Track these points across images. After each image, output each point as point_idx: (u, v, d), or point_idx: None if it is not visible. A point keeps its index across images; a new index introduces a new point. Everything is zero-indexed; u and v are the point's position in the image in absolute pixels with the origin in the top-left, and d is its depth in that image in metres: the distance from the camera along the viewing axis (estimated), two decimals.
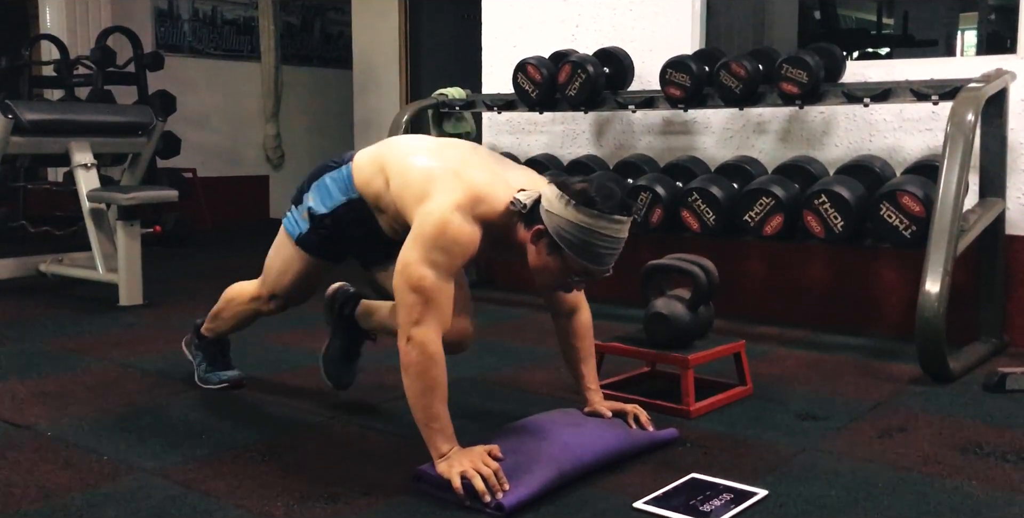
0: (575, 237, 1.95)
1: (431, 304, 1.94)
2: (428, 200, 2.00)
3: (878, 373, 3.09)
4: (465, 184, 2.01)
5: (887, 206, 3.10)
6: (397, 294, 1.98)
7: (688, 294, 2.69)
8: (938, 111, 3.53)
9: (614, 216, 1.95)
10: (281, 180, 8.64)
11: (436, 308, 1.95)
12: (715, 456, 2.25)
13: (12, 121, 4.19)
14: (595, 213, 1.93)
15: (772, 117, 3.99)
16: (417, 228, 1.98)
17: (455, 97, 4.64)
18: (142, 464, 2.18)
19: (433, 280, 1.94)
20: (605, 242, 1.96)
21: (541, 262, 2.03)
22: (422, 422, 1.97)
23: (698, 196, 3.49)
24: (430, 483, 1.96)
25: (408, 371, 1.95)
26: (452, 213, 1.95)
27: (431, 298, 1.94)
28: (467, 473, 1.89)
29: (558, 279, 2.05)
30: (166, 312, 4.09)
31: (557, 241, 1.97)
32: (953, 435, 2.43)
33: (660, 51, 4.14)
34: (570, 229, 1.95)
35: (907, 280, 3.61)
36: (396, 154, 2.22)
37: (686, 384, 2.56)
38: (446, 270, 1.96)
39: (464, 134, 4.82)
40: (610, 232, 1.96)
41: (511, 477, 1.92)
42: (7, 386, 2.85)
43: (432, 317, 1.95)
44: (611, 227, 1.95)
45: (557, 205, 1.96)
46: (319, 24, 8.93)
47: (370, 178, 2.23)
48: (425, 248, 1.95)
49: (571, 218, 1.94)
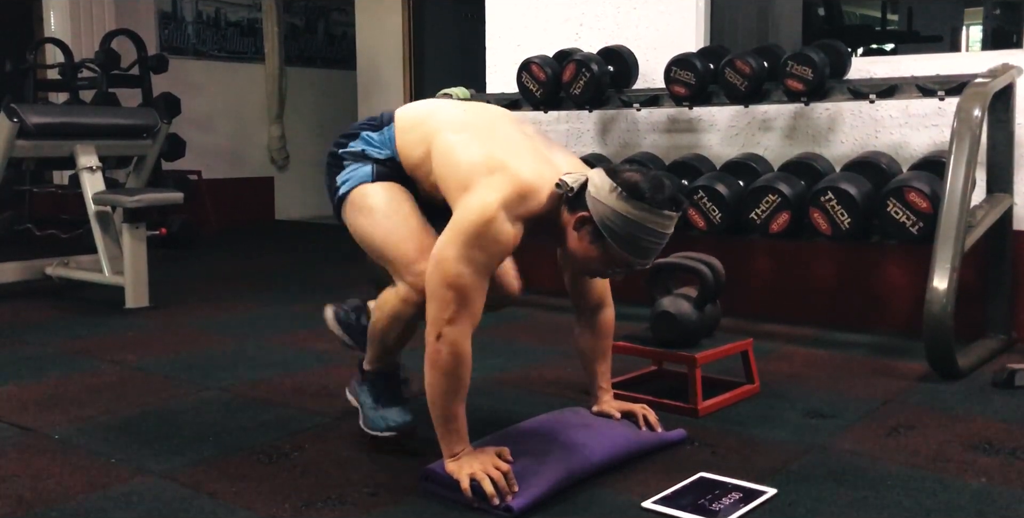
0: (621, 229, 1.90)
1: (466, 302, 1.89)
2: (472, 192, 1.92)
3: (886, 370, 3.07)
4: (512, 179, 1.92)
5: (894, 203, 3.08)
6: (430, 286, 1.92)
7: (695, 292, 2.68)
8: (944, 107, 3.51)
9: (663, 211, 1.90)
10: (286, 181, 8.65)
11: (470, 306, 1.90)
12: (723, 455, 2.24)
13: (17, 125, 4.19)
14: (644, 206, 1.88)
15: (777, 114, 3.98)
16: (458, 221, 1.91)
17: (460, 96, 4.63)
18: (150, 466, 2.18)
19: (470, 278, 1.89)
20: (651, 236, 1.91)
21: (582, 249, 1.97)
22: (439, 420, 1.95)
23: (704, 194, 3.48)
24: (438, 483, 1.96)
25: (435, 367, 1.91)
26: (497, 211, 1.88)
27: (466, 296, 1.89)
28: (476, 475, 1.89)
29: (596, 268, 2.01)
30: (172, 314, 4.09)
31: (601, 230, 1.91)
32: (962, 432, 2.41)
33: (664, 49, 4.13)
34: (616, 220, 1.89)
35: (914, 276, 3.59)
36: (442, 128, 2.10)
37: (694, 383, 2.55)
38: (484, 268, 1.91)
39: None
40: (657, 227, 1.90)
41: (519, 477, 1.92)
42: (14, 389, 2.86)
43: (465, 316, 1.90)
44: (659, 222, 1.90)
45: (605, 193, 1.90)
46: (323, 25, 8.93)
47: (413, 146, 2.13)
48: (464, 245, 1.88)
49: (619, 209, 1.89)
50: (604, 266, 1.99)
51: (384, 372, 2.28)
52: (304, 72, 8.65)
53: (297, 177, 8.70)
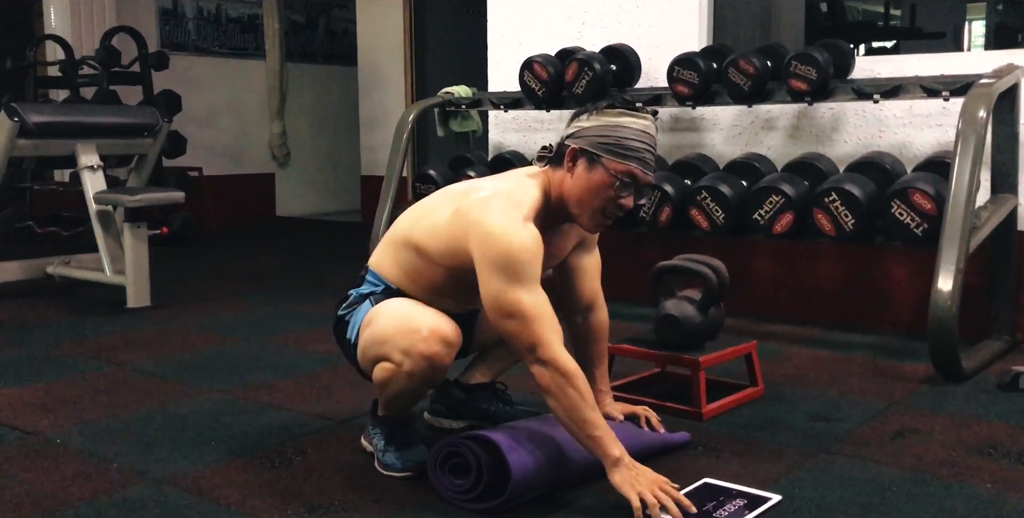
0: (607, 136, 1.96)
1: (538, 321, 1.89)
2: (472, 226, 1.93)
3: (890, 372, 3.06)
4: (492, 196, 1.97)
5: (898, 204, 3.07)
6: (499, 328, 1.93)
7: (698, 294, 2.67)
8: (948, 107, 3.50)
9: (638, 112, 1.99)
10: (287, 178, 8.63)
11: (544, 322, 1.90)
12: (727, 460, 2.23)
13: (18, 124, 4.18)
14: (618, 111, 1.97)
15: (781, 113, 3.97)
16: (483, 257, 1.91)
17: (461, 95, 4.62)
18: (152, 472, 2.17)
19: (528, 299, 1.89)
20: (636, 136, 1.96)
21: (583, 183, 1.97)
22: (581, 437, 1.91)
23: (707, 194, 3.47)
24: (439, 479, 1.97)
25: (549, 392, 1.90)
26: (505, 224, 1.90)
27: (535, 317, 1.89)
28: (645, 496, 1.84)
29: (604, 197, 1.98)
30: (174, 314, 4.08)
31: (592, 150, 1.96)
32: (968, 436, 2.40)
33: (667, 48, 4.11)
34: (601, 132, 1.96)
35: (916, 276, 3.58)
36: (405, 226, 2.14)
37: (697, 387, 2.54)
38: (533, 281, 1.91)
39: (470, 132, 4.81)
40: (638, 126, 1.97)
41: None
42: (15, 391, 2.85)
43: (546, 332, 1.89)
44: (638, 122, 1.98)
45: (581, 123, 1.99)
46: (324, 21, 8.90)
47: (391, 256, 2.14)
48: (503, 272, 1.89)
49: (598, 123, 1.97)
50: (609, 189, 1.97)
51: (399, 418, 2.19)
52: (305, 68, 8.62)
53: (298, 174, 8.69)
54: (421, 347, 1.96)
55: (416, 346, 1.96)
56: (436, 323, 1.99)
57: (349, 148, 8.48)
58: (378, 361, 2.04)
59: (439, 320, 2.00)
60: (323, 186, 8.86)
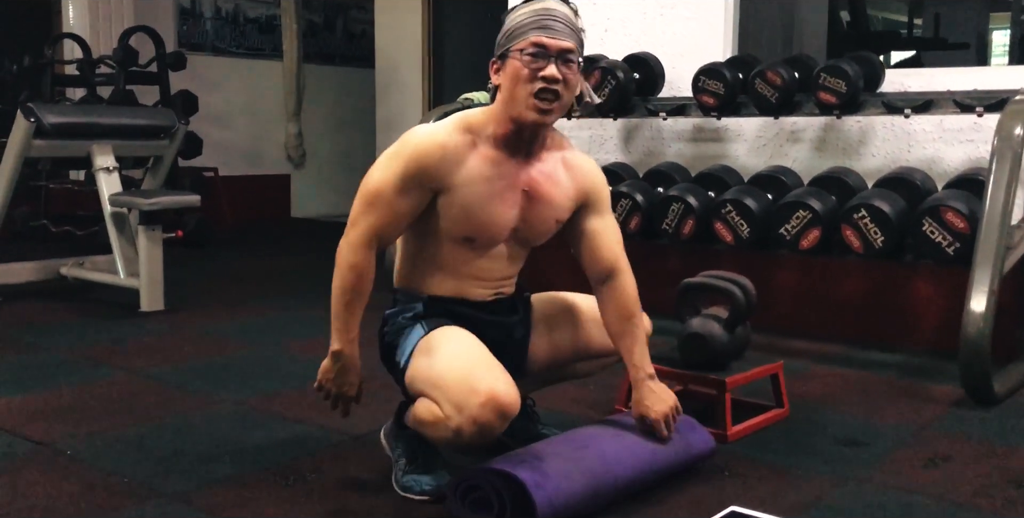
0: (510, 26, 1.96)
1: (366, 208, 1.97)
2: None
3: (918, 394, 2.99)
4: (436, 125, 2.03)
5: (930, 222, 3.00)
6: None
7: (724, 312, 2.60)
8: (980, 122, 3.42)
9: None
10: (303, 179, 8.60)
11: (370, 211, 1.97)
12: (754, 486, 2.16)
13: (34, 124, 4.14)
14: (519, 5, 1.98)
15: (807, 126, 3.90)
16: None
17: (481, 101, 4.56)
18: (163, 487, 2.12)
19: (377, 179, 1.96)
20: (528, 14, 1.94)
21: (507, 80, 1.96)
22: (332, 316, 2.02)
23: (732, 208, 3.40)
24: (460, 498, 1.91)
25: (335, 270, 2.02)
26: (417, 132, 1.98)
27: (369, 203, 1.97)
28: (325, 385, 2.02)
29: (525, 78, 1.92)
30: (187, 318, 4.03)
31: (499, 50, 1.98)
32: (1002, 465, 2.33)
33: (691, 57, 4.05)
34: (506, 26, 1.97)
35: (944, 295, 3.51)
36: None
37: (723, 408, 2.47)
38: (401, 171, 1.95)
39: None
40: (530, 7, 1.96)
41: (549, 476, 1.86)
42: (25, 398, 2.80)
43: (360, 219, 1.98)
44: (530, 5, 1.96)
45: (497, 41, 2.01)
46: (342, 22, 8.87)
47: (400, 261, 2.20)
48: (385, 155, 2.00)
49: (506, 20, 1.99)
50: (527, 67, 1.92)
51: (425, 439, 2.04)
52: (322, 70, 8.59)
53: (314, 175, 8.65)
54: (476, 412, 1.80)
55: (470, 408, 1.80)
56: (496, 387, 1.82)
57: (365, 150, 8.43)
58: (425, 396, 1.94)
59: (500, 383, 1.83)
60: (339, 187, 8.81)
